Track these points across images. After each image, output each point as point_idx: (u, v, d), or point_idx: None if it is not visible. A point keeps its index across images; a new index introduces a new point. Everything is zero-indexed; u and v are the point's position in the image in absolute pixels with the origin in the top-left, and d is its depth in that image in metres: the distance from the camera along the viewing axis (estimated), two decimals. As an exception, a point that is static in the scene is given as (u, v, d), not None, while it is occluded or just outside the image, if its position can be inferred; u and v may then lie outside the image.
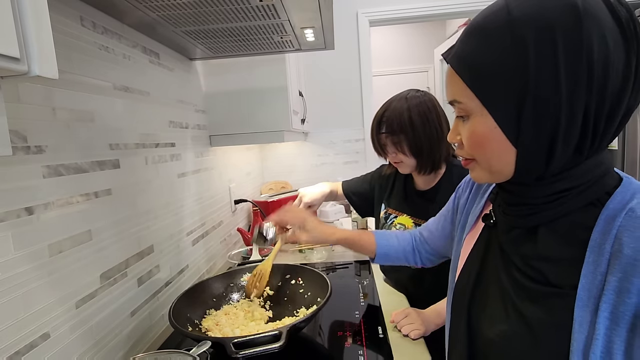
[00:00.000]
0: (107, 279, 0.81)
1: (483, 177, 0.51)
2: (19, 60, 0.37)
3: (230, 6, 0.83)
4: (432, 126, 1.00)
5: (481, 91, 0.44)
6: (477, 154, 0.49)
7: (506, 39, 0.41)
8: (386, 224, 1.16)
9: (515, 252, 0.51)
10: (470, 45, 0.45)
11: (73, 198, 0.72)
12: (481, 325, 0.54)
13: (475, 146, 0.48)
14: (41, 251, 0.64)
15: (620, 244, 0.41)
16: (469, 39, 0.46)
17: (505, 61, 0.42)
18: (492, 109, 0.44)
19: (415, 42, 4.08)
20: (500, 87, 0.43)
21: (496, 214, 0.55)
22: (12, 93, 0.60)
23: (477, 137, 0.47)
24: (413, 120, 1.00)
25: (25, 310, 0.60)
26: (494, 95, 0.44)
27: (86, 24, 0.78)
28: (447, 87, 0.50)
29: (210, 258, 1.41)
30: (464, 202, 0.69)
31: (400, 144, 1.02)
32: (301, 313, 0.96)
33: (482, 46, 0.44)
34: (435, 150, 1.02)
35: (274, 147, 2.40)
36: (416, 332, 0.90)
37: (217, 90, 1.47)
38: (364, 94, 2.34)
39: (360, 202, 1.32)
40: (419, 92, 1.05)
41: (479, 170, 0.51)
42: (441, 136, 1.02)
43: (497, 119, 0.44)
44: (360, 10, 2.24)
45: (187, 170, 1.25)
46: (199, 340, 0.72)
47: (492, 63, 0.43)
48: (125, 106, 0.91)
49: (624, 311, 0.40)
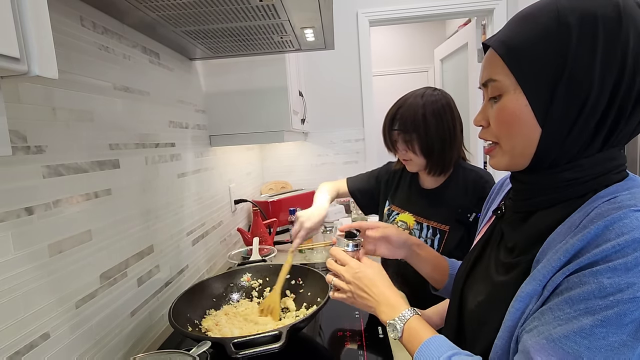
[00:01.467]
0: (107, 279, 0.81)
1: (502, 162, 0.53)
2: (19, 60, 0.38)
3: (230, 6, 0.83)
4: (445, 127, 0.98)
5: (518, 69, 0.47)
6: (502, 133, 0.51)
7: (552, 25, 0.45)
8: (388, 220, 1.16)
9: (510, 235, 0.54)
10: (515, 30, 0.48)
11: (73, 198, 0.72)
12: (468, 302, 0.59)
13: (502, 124, 0.50)
14: (41, 251, 0.64)
15: (589, 223, 0.42)
16: (515, 24, 0.49)
17: (548, 44, 0.45)
18: (527, 87, 0.47)
19: (415, 42, 4.08)
20: (537, 67, 0.46)
21: (505, 206, 0.59)
22: (12, 93, 0.60)
23: (507, 114, 0.49)
24: (427, 120, 0.97)
25: (25, 310, 0.60)
26: (530, 74, 0.46)
27: (86, 24, 0.78)
28: (484, 70, 0.52)
29: (210, 258, 1.41)
30: (484, 205, 0.74)
31: (412, 143, 1.00)
32: (301, 313, 0.96)
33: (527, 30, 0.47)
34: (447, 152, 1.00)
35: (274, 147, 2.40)
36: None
37: (217, 90, 1.47)
38: (364, 94, 2.34)
39: (365, 200, 1.30)
40: (436, 91, 1.02)
41: (500, 155, 0.53)
42: (454, 138, 1.00)
43: (530, 97, 0.47)
44: (360, 10, 2.24)
45: (187, 170, 1.25)
46: (198, 340, 0.72)
47: (534, 44, 0.46)
48: (125, 106, 0.91)
49: (555, 280, 0.42)
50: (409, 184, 1.15)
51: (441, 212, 1.05)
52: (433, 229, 1.05)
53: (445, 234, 1.02)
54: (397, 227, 0.79)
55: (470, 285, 0.60)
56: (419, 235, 1.07)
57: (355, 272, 0.67)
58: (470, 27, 2.51)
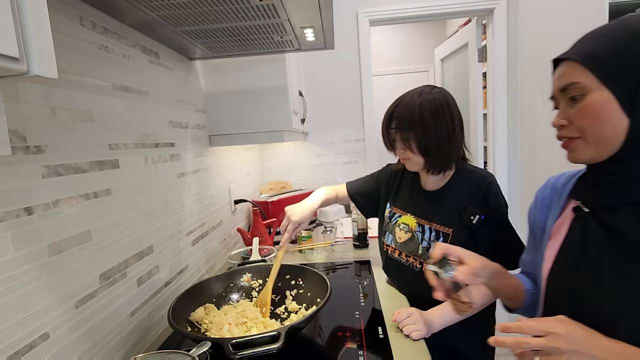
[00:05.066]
0: (106, 279, 0.81)
1: (586, 154, 0.58)
2: (18, 60, 0.37)
3: (230, 6, 0.83)
4: (443, 125, 0.96)
5: (600, 70, 0.54)
6: (589, 126, 0.55)
7: (622, 35, 0.53)
8: (390, 223, 1.14)
9: (634, 227, 0.55)
10: (588, 43, 0.56)
11: (72, 198, 0.72)
12: (598, 300, 0.57)
13: (590, 118, 0.55)
14: (41, 251, 0.64)
15: None
16: (586, 40, 0.57)
17: (622, 48, 0.53)
18: (611, 83, 0.53)
19: (415, 42, 4.07)
20: (618, 66, 0.53)
21: (588, 203, 0.61)
22: (11, 93, 0.60)
23: (594, 108, 0.54)
24: (424, 118, 0.96)
25: (25, 311, 0.60)
26: (612, 72, 0.53)
27: (86, 24, 0.78)
28: (562, 78, 0.58)
29: (210, 258, 1.41)
30: (540, 214, 0.75)
31: (409, 141, 0.99)
32: (301, 313, 0.96)
33: (600, 41, 0.55)
34: (445, 150, 0.98)
35: (274, 147, 2.40)
36: (418, 333, 0.88)
37: (217, 90, 1.47)
38: (364, 94, 2.34)
39: (366, 203, 1.29)
40: (435, 89, 1.01)
41: (584, 147, 0.57)
42: (452, 136, 0.98)
43: (615, 92, 0.53)
44: (360, 10, 2.24)
45: (186, 170, 1.25)
46: (198, 340, 0.72)
47: (611, 49, 0.53)
48: (124, 106, 0.91)
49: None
50: (410, 185, 1.13)
51: (444, 214, 1.02)
52: (436, 232, 1.02)
53: (449, 237, 1.00)
54: (480, 258, 0.69)
55: (592, 284, 0.58)
56: (421, 238, 1.05)
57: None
58: (470, 26, 2.51)
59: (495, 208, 0.97)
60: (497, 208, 0.98)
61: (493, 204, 0.97)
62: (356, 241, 1.62)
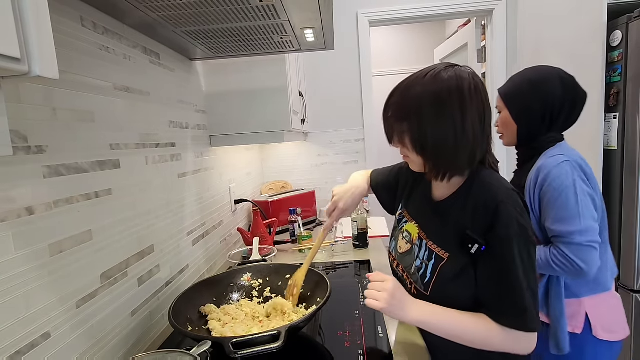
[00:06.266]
0: (107, 279, 0.81)
1: (505, 141, 1.20)
2: (19, 61, 0.38)
3: (231, 6, 0.83)
4: (447, 118, 0.72)
5: (505, 100, 1.18)
6: (502, 128, 1.19)
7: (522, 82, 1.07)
8: (397, 227, 0.97)
9: None
10: (506, 84, 1.11)
11: (73, 198, 0.72)
12: None
13: (502, 125, 1.17)
14: (42, 251, 0.64)
15: None
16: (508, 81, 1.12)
17: (522, 89, 1.11)
18: (509, 107, 1.09)
19: (415, 43, 4.08)
20: (515, 99, 1.13)
21: None
22: (12, 93, 0.60)
23: (502, 119, 1.16)
24: (421, 107, 0.73)
25: (26, 310, 0.60)
26: (511, 102, 1.11)
27: (87, 25, 0.79)
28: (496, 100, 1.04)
29: (210, 258, 1.41)
30: None
31: (403, 135, 0.77)
32: (301, 313, 0.96)
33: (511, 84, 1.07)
34: (448, 151, 0.73)
35: (274, 147, 2.40)
36: (374, 302, 0.74)
37: (217, 91, 1.47)
38: (364, 94, 2.34)
39: (388, 198, 1.07)
40: (450, 70, 0.74)
41: (505, 138, 1.21)
42: (461, 134, 0.72)
43: (510, 111, 1.16)
44: (360, 11, 2.25)
45: (187, 170, 1.25)
46: (198, 340, 0.72)
47: (515, 90, 1.13)
48: (125, 106, 0.91)
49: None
50: (422, 190, 0.91)
51: (443, 232, 0.80)
52: (429, 252, 0.81)
53: (442, 262, 0.78)
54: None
55: None
56: (417, 254, 0.84)
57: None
58: (470, 27, 2.51)
59: (503, 240, 0.70)
60: (505, 241, 0.70)
61: (501, 234, 0.70)
62: (356, 241, 1.62)
